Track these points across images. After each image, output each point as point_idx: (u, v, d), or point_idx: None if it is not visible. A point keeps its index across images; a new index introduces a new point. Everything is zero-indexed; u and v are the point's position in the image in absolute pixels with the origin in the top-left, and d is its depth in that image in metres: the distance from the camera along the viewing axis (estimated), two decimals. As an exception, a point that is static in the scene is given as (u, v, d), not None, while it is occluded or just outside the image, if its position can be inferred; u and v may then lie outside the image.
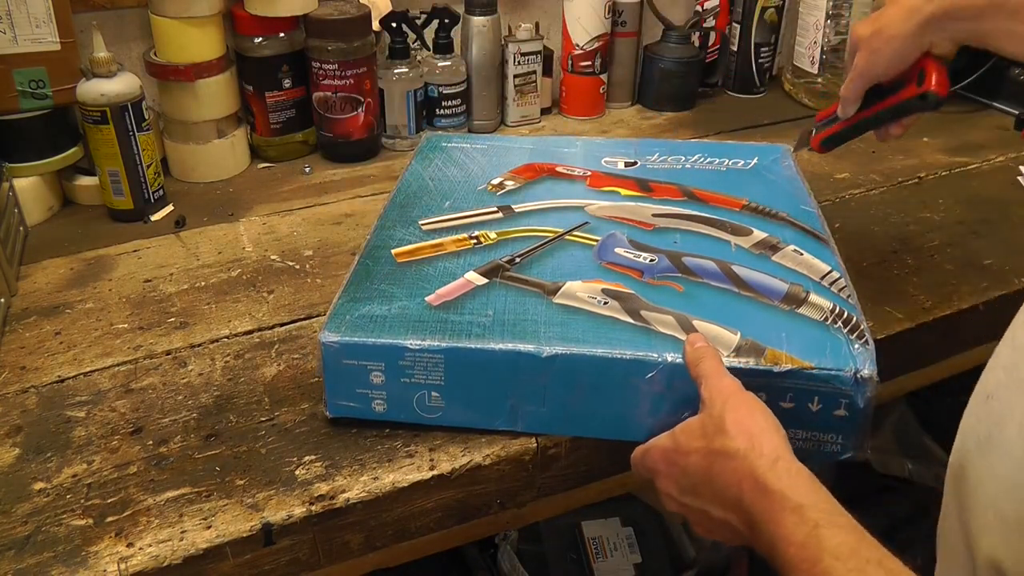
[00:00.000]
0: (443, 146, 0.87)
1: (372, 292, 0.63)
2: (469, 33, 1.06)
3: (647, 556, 1.14)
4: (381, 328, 0.58)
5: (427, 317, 0.59)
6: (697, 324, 0.59)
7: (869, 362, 0.56)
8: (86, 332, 0.71)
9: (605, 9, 1.10)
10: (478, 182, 0.79)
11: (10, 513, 0.54)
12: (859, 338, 0.58)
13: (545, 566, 1.12)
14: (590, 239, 0.69)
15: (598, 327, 0.59)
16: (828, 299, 0.62)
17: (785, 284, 0.63)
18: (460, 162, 0.83)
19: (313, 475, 0.56)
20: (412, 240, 0.70)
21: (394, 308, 0.60)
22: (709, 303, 0.61)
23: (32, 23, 0.83)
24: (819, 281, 0.64)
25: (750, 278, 0.64)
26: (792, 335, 0.58)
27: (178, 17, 0.90)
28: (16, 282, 0.77)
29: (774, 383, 0.56)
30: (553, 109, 1.19)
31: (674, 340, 0.57)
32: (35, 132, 0.87)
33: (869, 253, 0.81)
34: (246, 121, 1.01)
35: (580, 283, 0.63)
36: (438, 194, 0.77)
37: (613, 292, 0.62)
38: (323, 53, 0.95)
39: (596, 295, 0.62)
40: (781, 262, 0.66)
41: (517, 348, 0.57)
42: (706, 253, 0.67)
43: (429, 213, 0.74)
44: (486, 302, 0.61)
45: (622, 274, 0.64)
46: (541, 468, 0.61)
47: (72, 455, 0.58)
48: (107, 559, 0.51)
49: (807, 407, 0.57)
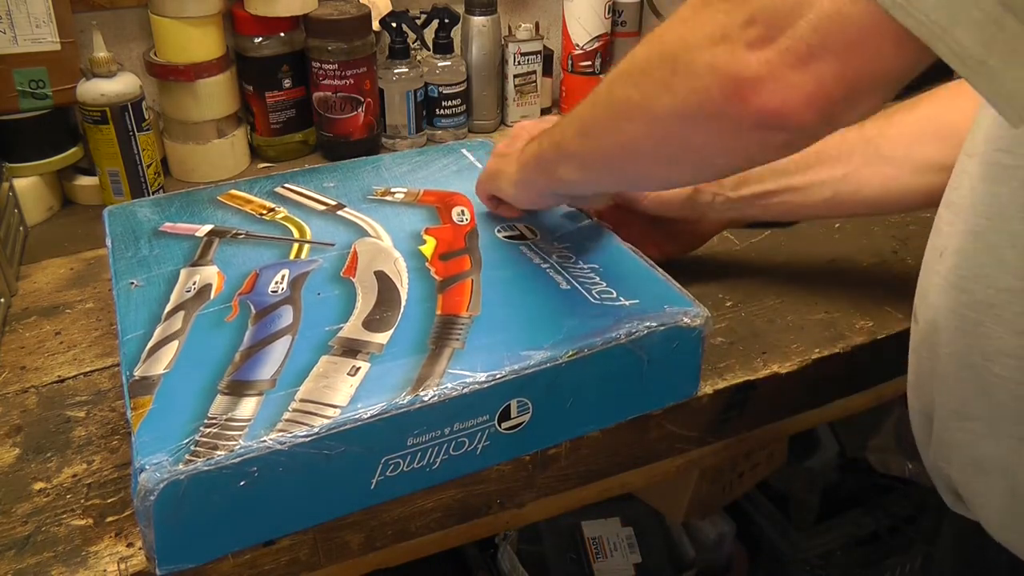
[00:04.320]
0: (460, 151, 0.84)
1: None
2: (469, 33, 1.06)
3: (647, 556, 1.14)
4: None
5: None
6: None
7: None
8: (86, 332, 0.71)
9: (605, 9, 1.10)
10: (385, 185, 0.76)
11: (10, 513, 0.54)
12: None
13: (545, 566, 1.12)
14: (308, 257, 0.65)
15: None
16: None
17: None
18: (418, 168, 0.80)
19: (313, 475, 0.56)
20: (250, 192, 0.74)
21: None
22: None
23: (32, 23, 0.83)
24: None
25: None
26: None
27: (178, 17, 0.90)
28: (16, 282, 0.77)
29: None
30: (553, 109, 1.19)
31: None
32: (35, 132, 0.87)
33: (869, 253, 0.81)
34: (246, 121, 1.01)
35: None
36: (344, 175, 0.77)
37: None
38: (323, 53, 0.95)
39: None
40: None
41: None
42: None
43: (311, 184, 0.76)
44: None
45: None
46: (541, 468, 0.61)
47: (72, 455, 0.58)
48: (107, 559, 0.51)
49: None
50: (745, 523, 1.23)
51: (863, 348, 0.70)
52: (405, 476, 0.54)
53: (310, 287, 0.61)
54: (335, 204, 0.73)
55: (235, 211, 0.72)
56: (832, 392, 0.74)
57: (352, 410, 0.50)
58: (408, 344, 0.55)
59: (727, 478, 1.08)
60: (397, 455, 0.52)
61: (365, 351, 0.54)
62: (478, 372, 0.53)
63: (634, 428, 0.63)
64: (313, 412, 0.50)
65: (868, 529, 1.21)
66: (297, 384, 0.52)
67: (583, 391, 0.58)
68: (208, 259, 0.65)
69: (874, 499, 1.24)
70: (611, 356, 0.57)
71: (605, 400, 0.59)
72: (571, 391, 0.57)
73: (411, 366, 0.53)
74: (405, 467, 0.53)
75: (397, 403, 0.51)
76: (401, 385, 0.52)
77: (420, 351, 0.55)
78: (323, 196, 0.74)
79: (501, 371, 0.53)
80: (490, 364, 0.54)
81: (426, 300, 0.60)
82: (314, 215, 0.71)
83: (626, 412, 0.62)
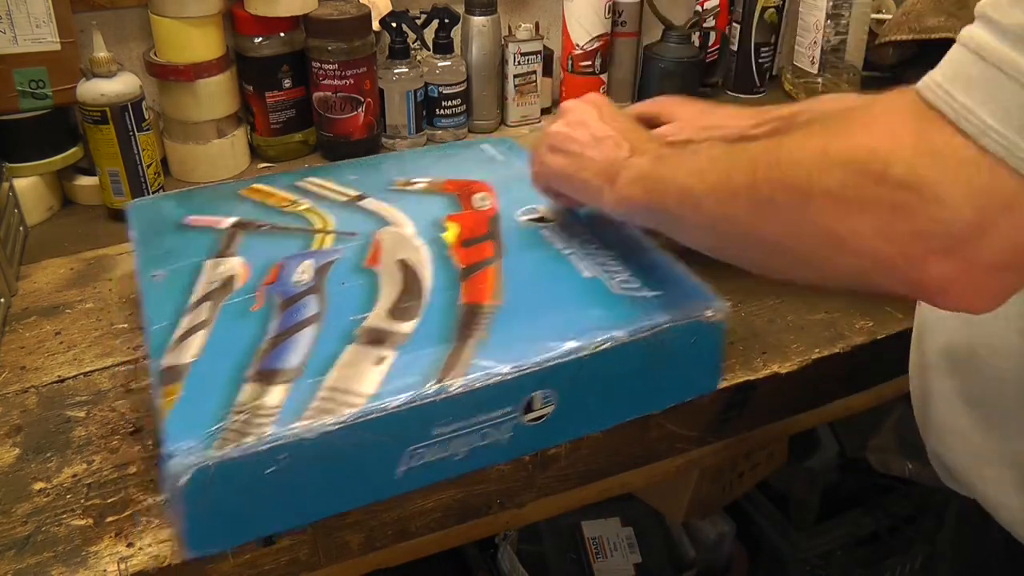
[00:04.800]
0: (480, 146, 0.85)
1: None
2: (469, 33, 1.06)
3: (647, 556, 1.14)
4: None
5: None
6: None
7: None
8: (86, 332, 0.71)
9: (605, 9, 1.09)
10: (407, 176, 0.77)
11: (10, 513, 0.54)
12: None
13: (545, 566, 1.13)
14: (329, 246, 0.66)
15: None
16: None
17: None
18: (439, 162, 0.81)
19: (313, 475, 0.56)
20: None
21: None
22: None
23: (32, 23, 0.83)
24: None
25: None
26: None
27: (178, 17, 0.90)
28: (16, 282, 0.77)
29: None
30: (553, 109, 1.19)
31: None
32: (35, 132, 0.87)
33: (869, 253, 0.81)
34: (246, 121, 1.01)
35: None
36: (366, 169, 0.79)
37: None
38: (323, 53, 0.95)
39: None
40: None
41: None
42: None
43: (333, 177, 0.77)
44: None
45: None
46: (541, 468, 0.61)
47: (72, 455, 0.58)
48: (107, 559, 0.51)
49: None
50: (745, 523, 1.23)
51: (863, 348, 0.70)
52: (430, 466, 0.54)
53: (334, 277, 0.62)
54: (357, 195, 0.74)
55: (258, 204, 0.73)
56: (832, 392, 0.74)
57: (379, 399, 0.50)
58: (433, 333, 0.56)
59: (727, 478, 1.08)
60: (423, 445, 0.53)
61: (390, 340, 0.55)
62: (503, 363, 0.53)
63: (634, 428, 0.63)
64: (341, 400, 0.50)
65: (868, 529, 1.21)
66: (324, 372, 0.52)
67: (605, 384, 0.58)
68: (232, 251, 0.66)
69: (874, 499, 1.24)
70: (634, 349, 0.56)
71: (626, 394, 0.59)
72: (594, 384, 0.57)
73: (436, 356, 0.54)
74: (430, 457, 0.53)
75: (424, 393, 0.51)
76: (427, 375, 0.52)
77: (445, 341, 0.55)
78: (345, 188, 0.75)
79: (526, 363, 0.53)
80: (515, 356, 0.54)
81: (449, 288, 0.60)
82: (336, 206, 0.72)
83: (646, 406, 0.62)
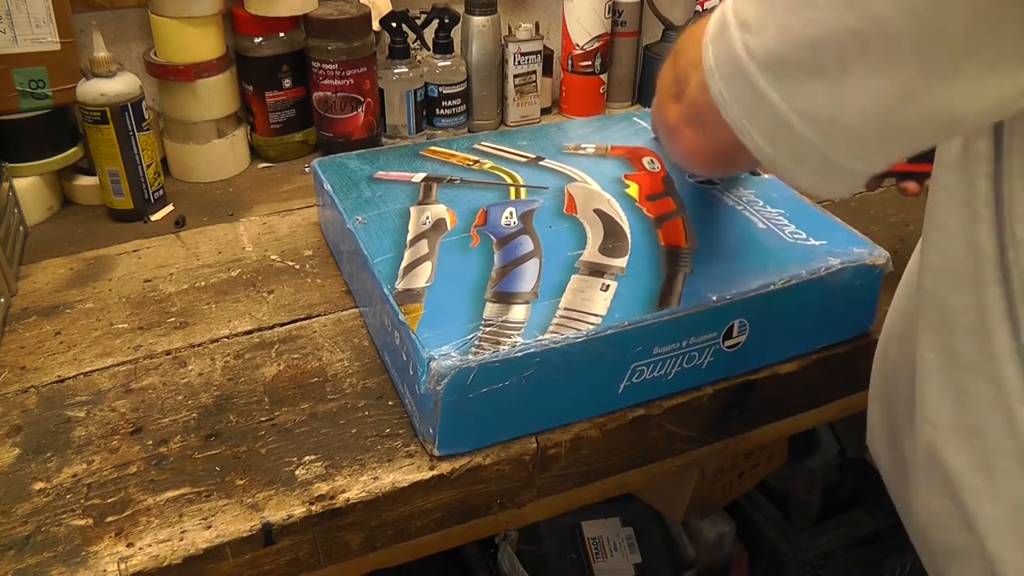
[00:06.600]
0: (632, 119, 0.90)
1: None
2: (469, 33, 1.06)
3: (647, 556, 1.14)
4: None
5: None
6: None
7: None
8: (86, 332, 0.71)
9: (605, 9, 1.10)
10: (575, 143, 0.84)
11: (10, 513, 0.54)
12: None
13: (545, 566, 1.12)
14: (524, 198, 0.73)
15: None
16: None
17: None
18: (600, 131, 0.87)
19: (313, 475, 0.56)
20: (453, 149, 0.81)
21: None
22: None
23: (32, 23, 0.83)
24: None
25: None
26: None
27: (178, 17, 0.90)
28: (16, 282, 0.77)
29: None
30: (553, 109, 1.19)
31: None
32: (35, 132, 0.87)
33: (869, 253, 0.81)
34: (246, 121, 1.01)
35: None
36: (532, 136, 0.85)
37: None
38: (323, 53, 0.95)
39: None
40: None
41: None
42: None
43: (507, 142, 0.83)
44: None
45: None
46: (541, 468, 0.61)
47: (72, 455, 0.58)
48: (107, 559, 0.51)
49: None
50: (745, 523, 1.23)
51: (863, 348, 0.70)
52: (647, 384, 0.61)
53: (539, 221, 0.68)
54: (534, 157, 0.80)
55: (443, 163, 0.79)
56: (832, 392, 0.74)
57: (611, 320, 0.57)
58: (644, 268, 0.63)
59: (727, 478, 1.08)
60: (644, 362, 0.60)
61: (610, 272, 0.62)
62: (710, 293, 0.60)
63: (634, 428, 0.63)
64: (577, 318, 0.58)
65: (868, 529, 1.21)
66: (557, 296, 0.60)
67: (787, 318, 0.65)
68: (433, 199, 0.72)
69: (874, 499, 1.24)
70: (812, 287, 0.64)
71: (802, 328, 0.67)
72: (779, 316, 0.64)
73: (652, 286, 0.61)
74: (648, 375, 0.61)
75: (650, 315, 0.58)
76: (649, 300, 0.60)
77: (657, 274, 0.63)
78: (520, 151, 0.82)
79: (728, 293, 0.61)
80: (718, 288, 0.61)
81: (647, 233, 0.67)
82: (518, 165, 0.78)
83: (816, 341, 0.69)
